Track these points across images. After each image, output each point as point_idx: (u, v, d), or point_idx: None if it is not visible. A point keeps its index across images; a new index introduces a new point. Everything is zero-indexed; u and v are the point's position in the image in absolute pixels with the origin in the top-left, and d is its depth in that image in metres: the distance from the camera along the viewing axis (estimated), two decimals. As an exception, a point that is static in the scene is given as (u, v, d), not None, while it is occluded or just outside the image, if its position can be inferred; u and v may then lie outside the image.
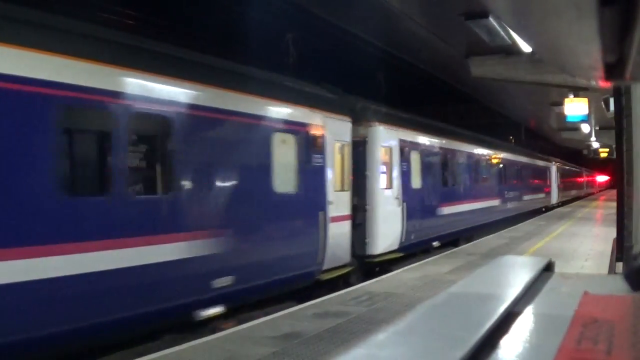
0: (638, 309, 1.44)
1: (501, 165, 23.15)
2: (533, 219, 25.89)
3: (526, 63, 12.08)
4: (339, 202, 10.42)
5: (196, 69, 7.59)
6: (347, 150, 11.14)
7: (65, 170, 5.89)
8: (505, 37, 10.16)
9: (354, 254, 11.24)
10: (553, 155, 46.02)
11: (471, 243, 16.55)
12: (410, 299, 8.70)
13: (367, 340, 1.05)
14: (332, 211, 10.11)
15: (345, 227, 10.78)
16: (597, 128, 26.13)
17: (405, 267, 12.09)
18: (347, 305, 8.41)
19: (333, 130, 10.44)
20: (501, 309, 1.27)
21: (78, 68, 5.81)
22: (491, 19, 9.27)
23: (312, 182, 9.68)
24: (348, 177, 11.13)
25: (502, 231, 19.64)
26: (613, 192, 50.73)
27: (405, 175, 13.50)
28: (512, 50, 11.60)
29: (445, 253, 14.50)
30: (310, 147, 9.63)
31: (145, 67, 6.64)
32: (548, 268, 1.96)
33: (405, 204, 13.15)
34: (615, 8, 1.07)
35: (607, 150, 33.08)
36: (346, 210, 10.84)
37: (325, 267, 9.93)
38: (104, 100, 6.09)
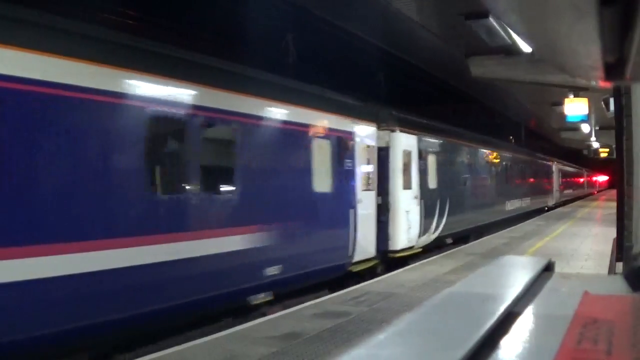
0: (638, 309, 1.44)
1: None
2: (532, 219, 25.81)
3: (526, 63, 12.08)
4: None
5: None
6: None
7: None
8: (505, 37, 10.17)
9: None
10: (553, 155, 37.67)
11: (471, 243, 16.54)
12: (410, 299, 8.71)
13: (367, 340, 1.04)
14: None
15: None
16: (597, 128, 26.13)
17: (405, 267, 12.10)
18: (347, 305, 8.41)
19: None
20: (501, 309, 1.27)
21: None
22: (491, 19, 9.28)
23: None
24: None
25: (502, 231, 19.63)
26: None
27: None
28: (512, 50, 11.61)
29: (445, 253, 14.50)
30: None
31: None
32: (548, 268, 1.96)
33: None
34: (615, 8, 1.07)
35: (607, 150, 33.08)
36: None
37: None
38: None
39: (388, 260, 12.58)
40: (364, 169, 11.56)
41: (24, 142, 5.46)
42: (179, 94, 7.22)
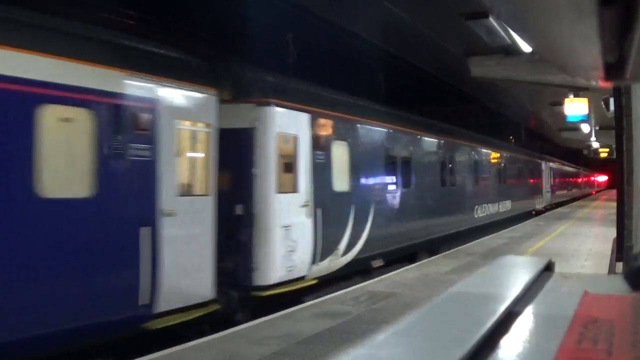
0: (638, 309, 1.45)
1: None
2: (532, 219, 25.81)
3: (526, 63, 12.09)
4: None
5: None
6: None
7: None
8: (505, 37, 10.18)
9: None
10: (553, 155, 37.27)
11: (471, 243, 16.54)
12: (410, 299, 8.71)
13: (367, 340, 1.05)
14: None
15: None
16: (597, 128, 26.13)
17: (405, 267, 12.10)
18: (347, 305, 8.41)
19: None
20: (501, 309, 1.27)
21: None
22: (491, 19, 9.29)
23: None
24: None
25: (502, 231, 19.64)
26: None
27: None
28: (512, 50, 11.61)
29: (445, 253, 14.51)
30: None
31: None
32: (548, 268, 1.96)
33: None
34: (615, 8, 1.07)
35: (607, 150, 33.07)
36: None
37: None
38: None
39: (255, 301, 8.33)
40: (183, 160, 7.47)
41: None
42: None
